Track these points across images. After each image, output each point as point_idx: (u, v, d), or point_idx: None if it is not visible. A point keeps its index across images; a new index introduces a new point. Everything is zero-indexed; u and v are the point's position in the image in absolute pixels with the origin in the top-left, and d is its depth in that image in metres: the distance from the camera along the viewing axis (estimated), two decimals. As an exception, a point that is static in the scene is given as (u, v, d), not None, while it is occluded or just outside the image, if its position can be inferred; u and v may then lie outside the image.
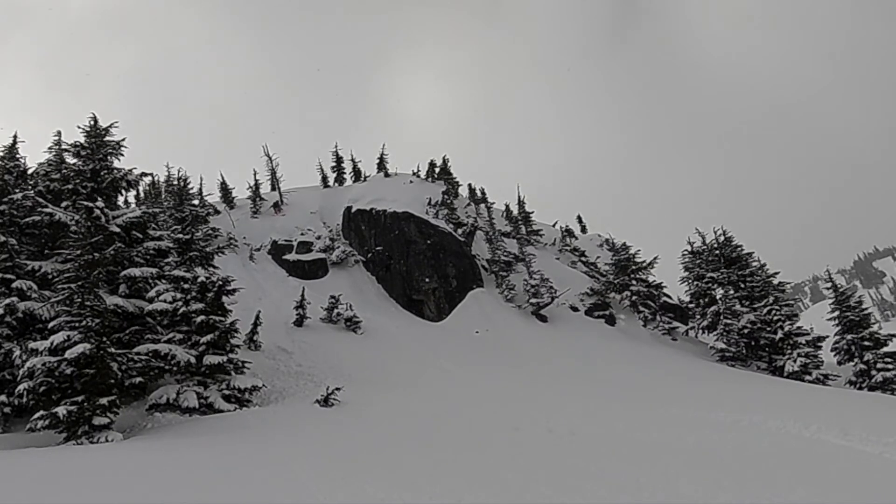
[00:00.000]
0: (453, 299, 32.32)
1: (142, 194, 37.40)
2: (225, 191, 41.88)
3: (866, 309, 29.35)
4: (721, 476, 10.69)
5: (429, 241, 33.92)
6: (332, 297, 27.71)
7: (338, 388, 17.62)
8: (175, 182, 36.42)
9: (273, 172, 43.76)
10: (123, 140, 20.78)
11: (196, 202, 35.53)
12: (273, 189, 43.42)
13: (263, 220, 38.03)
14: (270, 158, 43.89)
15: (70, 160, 20.63)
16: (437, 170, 44.59)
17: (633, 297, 33.52)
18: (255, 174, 42.58)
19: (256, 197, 41.00)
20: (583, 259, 41.69)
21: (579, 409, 18.21)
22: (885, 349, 27.28)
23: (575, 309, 33.14)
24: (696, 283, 32.67)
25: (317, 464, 11.04)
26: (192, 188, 36.36)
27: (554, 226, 46.52)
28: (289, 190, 43.70)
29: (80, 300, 14.79)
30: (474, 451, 12.27)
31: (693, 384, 23.56)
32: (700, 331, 32.06)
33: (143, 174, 21.43)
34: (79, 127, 20.31)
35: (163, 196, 37.48)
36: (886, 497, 9.83)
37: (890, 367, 26.17)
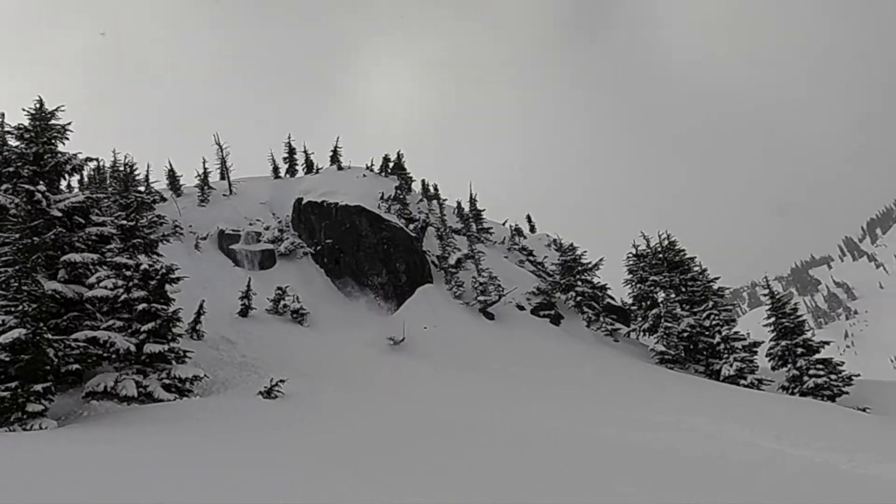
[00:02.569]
0: (402, 294, 32.41)
1: (86, 179, 36.35)
2: (172, 178, 40.99)
3: (801, 316, 30.12)
4: (658, 477, 11.10)
5: (380, 236, 33.93)
6: (279, 288, 27.51)
7: (282, 381, 17.60)
8: (121, 168, 35.52)
9: (223, 161, 43.01)
10: (69, 124, 20.32)
11: (142, 189, 34.73)
12: (222, 178, 42.74)
13: (211, 209, 37.42)
14: (221, 147, 43.15)
15: (13, 143, 20.07)
16: (391, 164, 44.40)
17: (578, 298, 34.10)
18: (204, 162, 41.77)
19: (205, 185, 40.28)
20: (530, 258, 42.19)
21: (523, 407, 18.59)
22: (818, 356, 28.01)
23: (521, 308, 33.58)
24: (639, 285, 33.42)
25: (258, 456, 11.07)
26: (138, 174, 35.48)
27: (504, 224, 46.97)
28: (238, 179, 43.04)
29: (16, 284, 14.46)
30: (415, 446, 12.48)
31: (634, 385, 24.23)
32: (641, 333, 32.83)
33: (89, 159, 20.98)
34: (24, 109, 19.79)
35: (108, 182, 36.48)
36: (813, 499, 10.39)
37: (821, 373, 26.85)
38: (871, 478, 11.83)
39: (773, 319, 29.69)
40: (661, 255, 33.86)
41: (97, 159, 23.20)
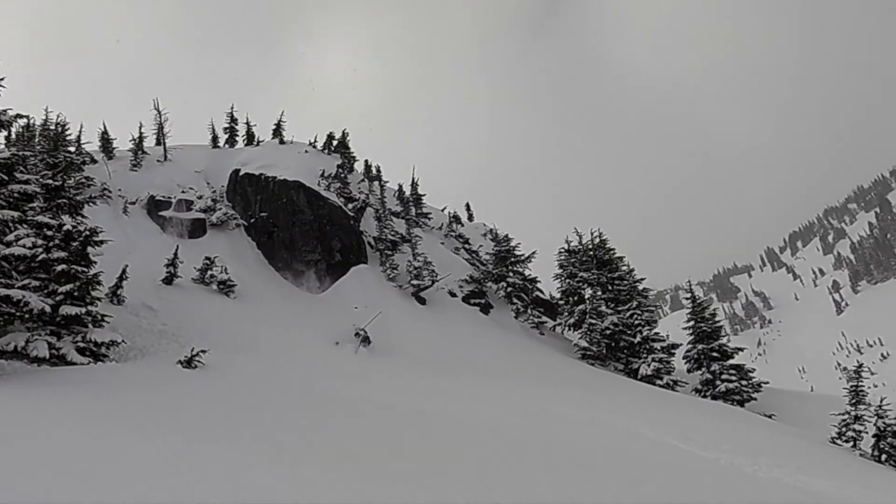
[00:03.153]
0: (335, 273, 32.28)
1: (13, 136, 34.75)
2: (105, 140, 39.52)
3: (719, 322, 30.94)
4: (564, 472, 11.38)
5: (317, 213, 33.63)
6: (207, 258, 27.03)
7: (203, 351, 17.37)
8: (52, 127, 34.15)
9: (160, 127, 41.71)
10: (2, 80, 19.45)
11: (72, 149, 33.47)
12: (158, 144, 41.48)
13: (143, 174, 36.32)
14: (160, 112, 41.81)
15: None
16: (335, 142, 44.02)
17: (509, 289, 34.65)
18: (140, 126, 40.37)
19: (139, 150, 39.01)
20: (466, 246, 42.63)
21: (445, 392, 18.85)
22: (731, 361, 28.87)
23: (453, 294, 33.95)
24: (568, 280, 34.02)
25: (171, 422, 10.97)
26: (69, 135, 34.16)
27: (443, 210, 47.26)
28: (175, 146, 41.86)
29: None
30: (326, 420, 12.57)
31: (554, 378, 24.79)
32: (566, 328, 33.51)
33: (19, 115, 20.16)
34: (-48, 63, 18.74)
35: (36, 140, 35.01)
36: (715, 500, 10.91)
37: (733, 378, 27.66)
38: (772, 481, 12.51)
39: (692, 323, 30.43)
40: (591, 253, 34.48)
41: (27, 116, 22.21)
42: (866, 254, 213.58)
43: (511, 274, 35.25)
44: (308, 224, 33.29)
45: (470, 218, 50.30)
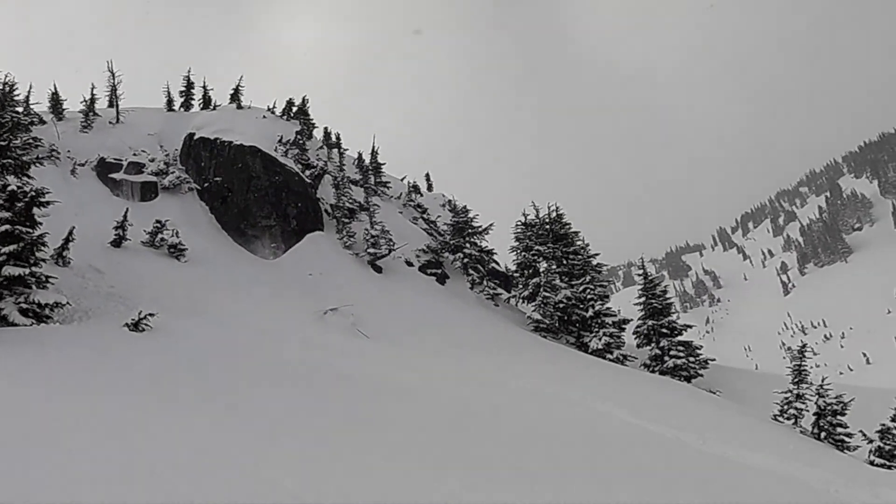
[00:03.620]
0: (290, 240, 31.97)
1: (-41, 97, 33.25)
2: (55, 101, 38.20)
3: (669, 299, 31.50)
4: (510, 442, 11.57)
5: (273, 179, 33.17)
6: (158, 221, 26.51)
7: (151, 314, 17.14)
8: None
9: (114, 88, 40.38)
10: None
11: (20, 109, 32.27)
12: (111, 106, 40.22)
13: (94, 136, 35.24)
14: (113, 74, 40.47)
15: None
16: (294, 109, 43.33)
17: (465, 260, 34.72)
18: (92, 88, 39.04)
19: (90, 111, 37.81)
20: (424, 216, 42.62)
21: (400, 359, 18.98)
22: (680, 338, 29.44)
23: (410, 264, 33.96)
24: (523, 253, 34.14)
25: (116, 384, 10.88)
26: (18, 95, 32.89)
27: (402, 180, 47.06)
28: (128, 108, 40.66)
29: None
30: (278, 385, 12.56)
31: (509, 350, 24.98)
32: (521, 300, 33.80)
33: (-35, 76, 19.50)
34: None
35: (-18, 99, 33.57)
36: (660, 471, 11.19)
37: (681, 355, 28.23)
38: (717, 456, 12.85)
39: (643, 299, 30.91)
40: (548, 227, 34.63)
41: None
42: (815, 237, 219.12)
43: (468, 245, 35.32)
44: (263, 190, 32.83)
45: (430, 188, 50.20)
